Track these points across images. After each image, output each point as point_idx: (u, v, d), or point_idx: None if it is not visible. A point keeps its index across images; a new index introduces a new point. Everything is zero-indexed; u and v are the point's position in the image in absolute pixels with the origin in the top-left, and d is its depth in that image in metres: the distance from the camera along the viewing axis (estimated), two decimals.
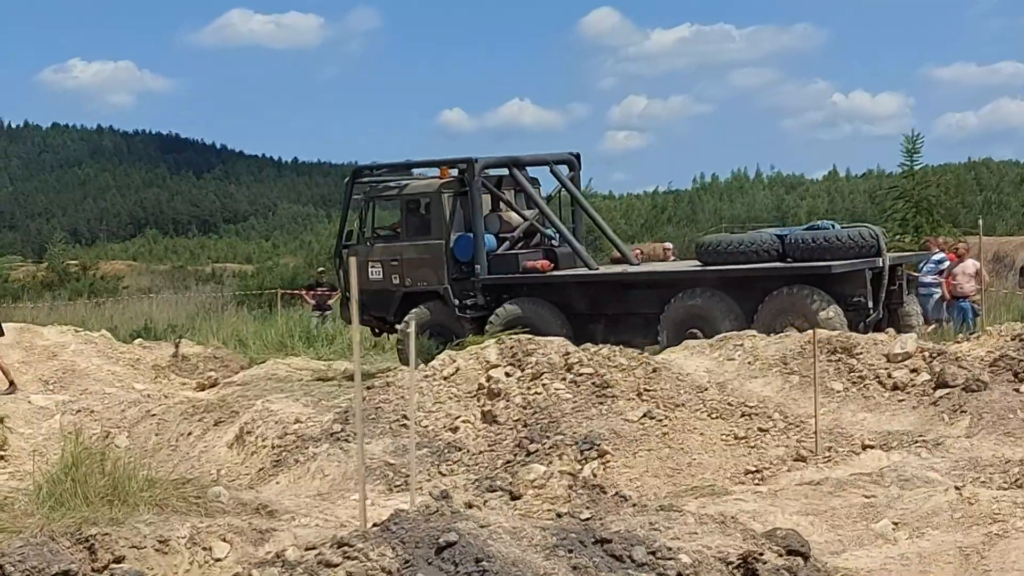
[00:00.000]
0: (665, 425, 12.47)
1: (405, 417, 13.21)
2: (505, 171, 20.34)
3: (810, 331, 13.37)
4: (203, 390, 19.20)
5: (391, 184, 20.53)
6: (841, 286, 17.04)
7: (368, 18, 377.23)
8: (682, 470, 11.83)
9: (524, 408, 13.15)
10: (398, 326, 19.61)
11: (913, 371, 13.57)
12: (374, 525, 6.47)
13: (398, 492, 11.63)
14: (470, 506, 7.50)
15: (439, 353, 14.72)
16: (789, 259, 17.56)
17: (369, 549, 6.10)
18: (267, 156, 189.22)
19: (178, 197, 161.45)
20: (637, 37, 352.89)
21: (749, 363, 14.35)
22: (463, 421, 13.27)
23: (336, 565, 6.04)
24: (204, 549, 7.85)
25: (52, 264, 61.01)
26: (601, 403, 12.84)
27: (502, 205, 20.23)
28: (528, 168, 21.00)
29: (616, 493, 8.79)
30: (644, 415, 12.56)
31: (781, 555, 7.12)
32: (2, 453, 14.72)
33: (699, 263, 18.44)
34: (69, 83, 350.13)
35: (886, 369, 13.67)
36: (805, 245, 17.35)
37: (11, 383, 16.93)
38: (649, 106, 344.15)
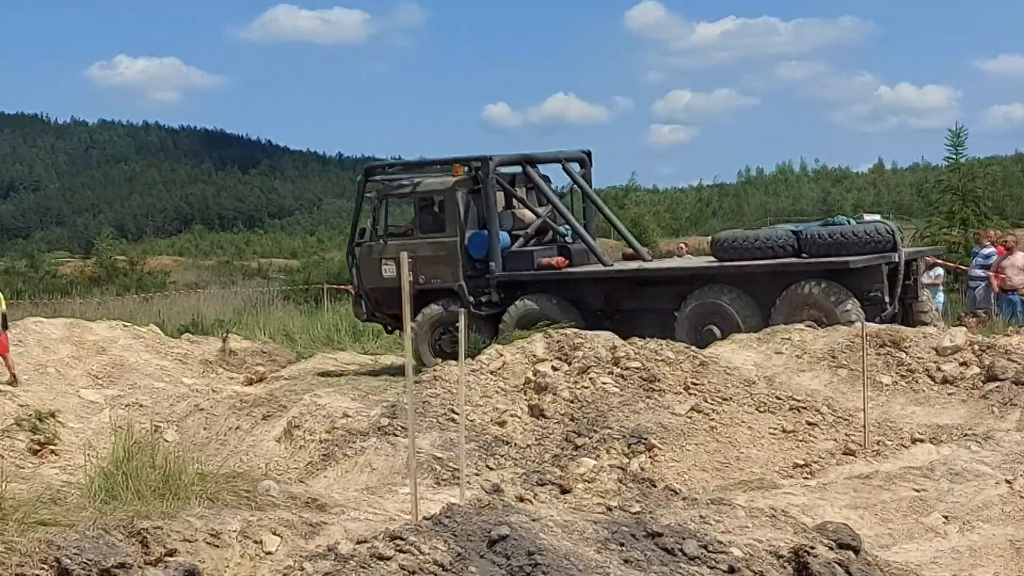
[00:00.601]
0: (713, 419, 12.45)
1: (452, 411, 13.23)
2: (519, 168, 20.34)
3: (858, 325, 13.31)
4: (251, 384, 19.28)
5: (404, 182, 20.56)
6: (858, 281, 17.03)
7: (413, 13, 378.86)
8: (730, 464, 11.81)
9: (571, 402, 13.15)
10: (411, 324, 19.49)
11: (963, 364, 13.49)
12: (426, 518, 6.49)
13: (446, 486, 11.66)
14: (521, 500, 7.52)
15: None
16: (804, 255, 17.56)
17: (421, 542, 6.13)
18: (312, 151, 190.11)
19: (224, 192, 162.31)
20: (682, 30, 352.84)
21: (797, 357, 14.30)
22: (510, 415, 13.29)
23: (389, 558, 6.07)
24: (255, 542, 7.88)
25: (100, 259, 61.44)
26: (648, 397, 12.84)
27: (515, 202, 20.24)
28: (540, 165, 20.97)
29: (666, 487, 8.79)
30: (692, 409, 12.55)
31: (832, 548, 7.10)
32: (53, 447, 14.83)
33: (714, 259, 18.40)
34: (115, 79, 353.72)
35: (935, 362, 13.60)
36: (821, 241, 17.35)
37: (13, 376, 16.99)
38: (694, 100, 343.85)
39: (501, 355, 14.43)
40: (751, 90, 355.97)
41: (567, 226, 20.27)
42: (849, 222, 17.97)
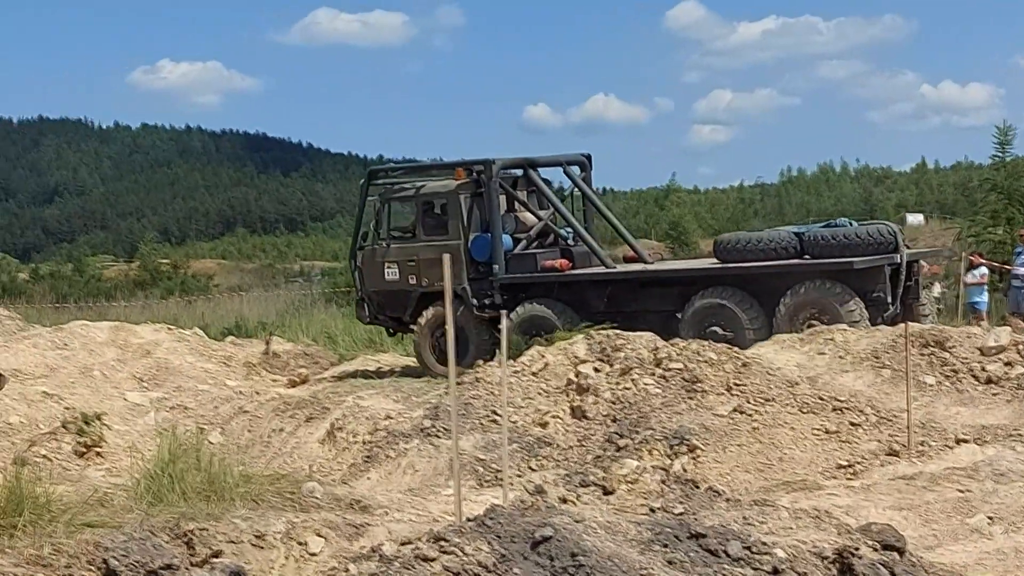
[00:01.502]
0: (755, 420, 12.42)
1: (494, 413, 13.26)
2: (520, 172, 20.41)
3: (902, 324, 13.25)
4: (294, 387, 19.37)
5: (407, 185, 20.65)
6: (861, 282, 17.15)
7: (452, 15, 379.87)
8: (773, 465, 11.78)
9: (613, 403, 13.15)
10: (413, 326, 19.82)
11: (1007, 364, 13.39)
12: (469, 520, 6.51)
13: (488, 487, 11.69)
14: (564, 501, 7.53)
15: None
16: (807, 256, 17.66)
17: (465, 544, 6.15)
18: (353, 154, 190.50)
19: (265, 196, 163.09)
20: (723, 30, 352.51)
21: (840, 357, 14.23)
22: (552, 416, 13.30)
23: (433, 559, 6.09)
24: (299, 544, 7.93)
25: (144, 263, 61.90)
26: (690, 398, 12.83)
27: (517, 205, 20.30)
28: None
29: (709, 488, 8.77)
30: (734, 410, 12.53)
31: (876, 550, 7.07)
32: (99, 450, 14.94)
33: (717, 261, 18.47)
34: (158, 84, 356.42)
35: (979, 362, 13.49)
36: (824, 242, 17.47)
37: (1, 375, 17.03)
38: (735, 99, 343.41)
39: (543, 356, 14.44)
40: (792, 89, 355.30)
41: (568, 229, 20.38)
42: (851, 224, 18.08)
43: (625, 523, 6.67)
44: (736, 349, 14.10)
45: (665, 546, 6.50)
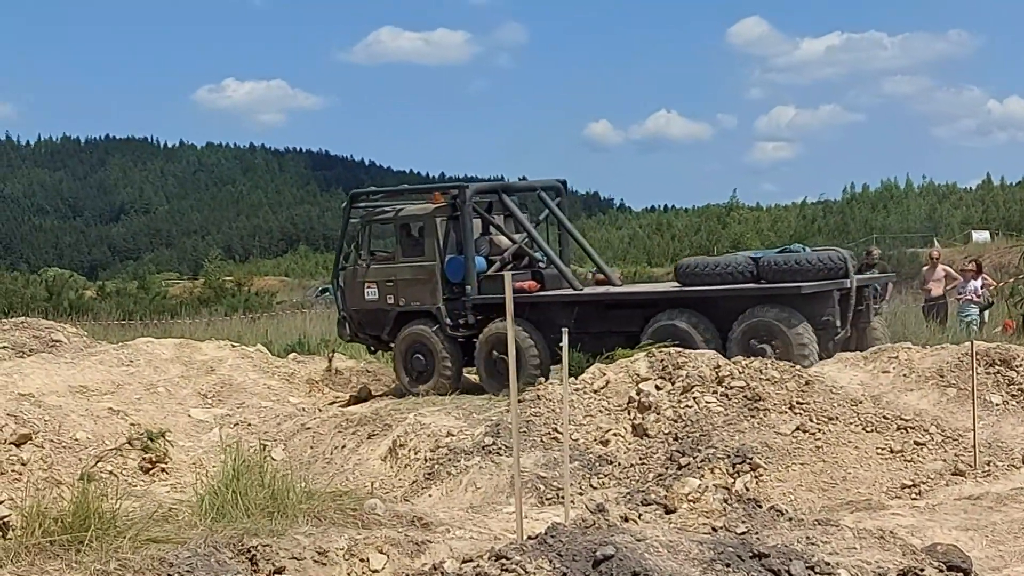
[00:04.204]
0: (818, 438, 12.33)
1: (555, 430, 13.26)
2: (495, 196, 20.91)
3: (967, 343, 13.13)
4: (356, 404, 19.46)
5: (387, 208, 21.14)
6: (811, 306, 17.48)
7: (515, 32, 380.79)
8: (836, 484, 11.69)
9: (675, 421, 13.11)
10: (392, 344, 20.50)
11: None
12: (531, 538, 6.51)
13: (550, 505, 11.68)
14: (626, 519, 7.51)
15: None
16: (763, 280, 17.97)
17: (526, 562, 6.15)
18: (414, 171, 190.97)
19: (328, 213, 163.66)
20: (786, 46, 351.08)
21: (904, 376, 14.12)
22: (613, 434, 13.27)
23: None
24: (361, 560, 7.95)
25: (208, 280, 62.34)
26: (753, 416, 12.76)
27: (492, 229, 20.78)
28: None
29: (771, 507, 8.72)
30: (797, 428, 12.45)
31: (942, 571, 7.01)
32: (164, 466, 15.09)
33: (678, 284, 18.85)
34: (223, 103, 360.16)
35: None
36: (777, 267, 17.83)
37: None
38: (798, 116, 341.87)
39: (604, 374, 14.43)
40: (856, 105, 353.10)
41: (542, 252, 20.81)
42: (804, 250, 18.59)
43: (687, 542, 6.64)
44: (799, 368, 14.03)
45: (727, 566, 6.47)
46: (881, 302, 23.23)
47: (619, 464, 12.71)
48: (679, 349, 15.00)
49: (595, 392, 14.13)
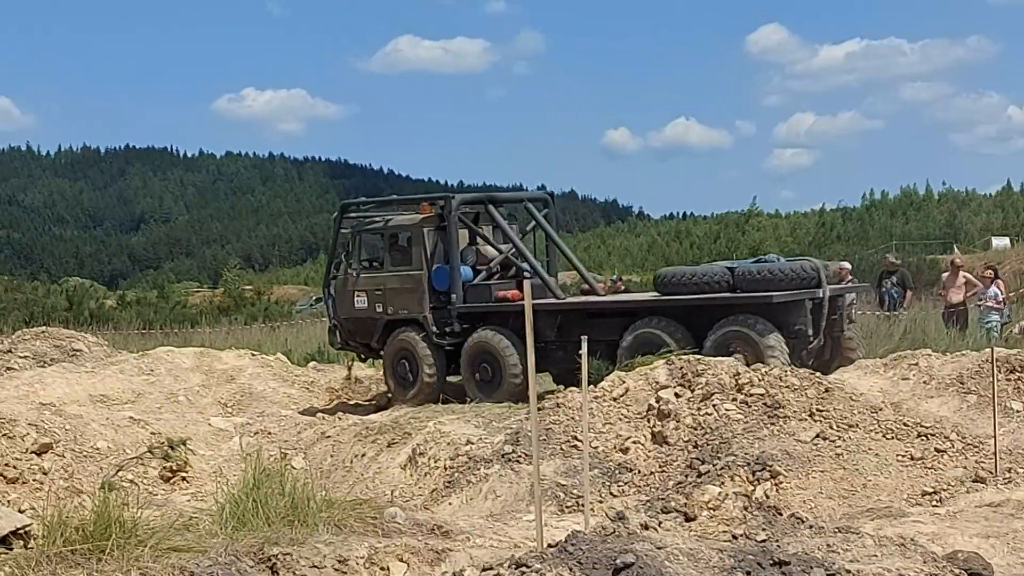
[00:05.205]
0: (839, 446, 12.30)
1: (575, 438, 13.25)
2: (482, 207, 21.17)
3: (987, 349, 13.09)
4: (376, 412, 19.50)
5: (376, 218, 21.43)
6: (783, 315, 17.60)
7: (533, 41, 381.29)
8: (857, 491, 11.65)
9: (694, 429, 13.09)
10: (382, 352, 20.77)
11: None
12: (551, 546, 6.51)
13: (570, 513, 11.67)
14: (646, 527, 7.50)
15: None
16: (739, 290, 18.06)
17: (547, 570, 6.15)
18: (433, 180, 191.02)
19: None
20: (805, 53, 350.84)
21: (924, 383, 14.08)
22: (633, 442, 13.26)
23: None
24: (382, 569, 7.95)
25: (228, 289, 62.53)
26: (772, 424, 12.73)
27: (479, 239, 21.03)
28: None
29: (792, 515, 8.69)
30: (817, 435, 12.41)
31: None
32: (185, 474, 15.13)
33: (658, 294, 19.04)
34: (242, 112, 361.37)
35: None
36: (751, 277, 17.92)
37: None
38: (817, 123, 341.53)
39: (623, 382, 14.42)
40: (875, 112, 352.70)
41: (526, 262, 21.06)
42: (779, 260, 18.63)
43: (707, 550, 6.63)
44: (819, 375, 14.01)
45: (748, 573, 6.46)
46: (900, 309, 23.28)
47: (639, 472, 12.70)
48: (699, 357, 15.01)
49: (614, 400, 14.12)
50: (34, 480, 13.62)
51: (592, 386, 14.34)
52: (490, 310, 20.04)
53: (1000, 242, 64.29)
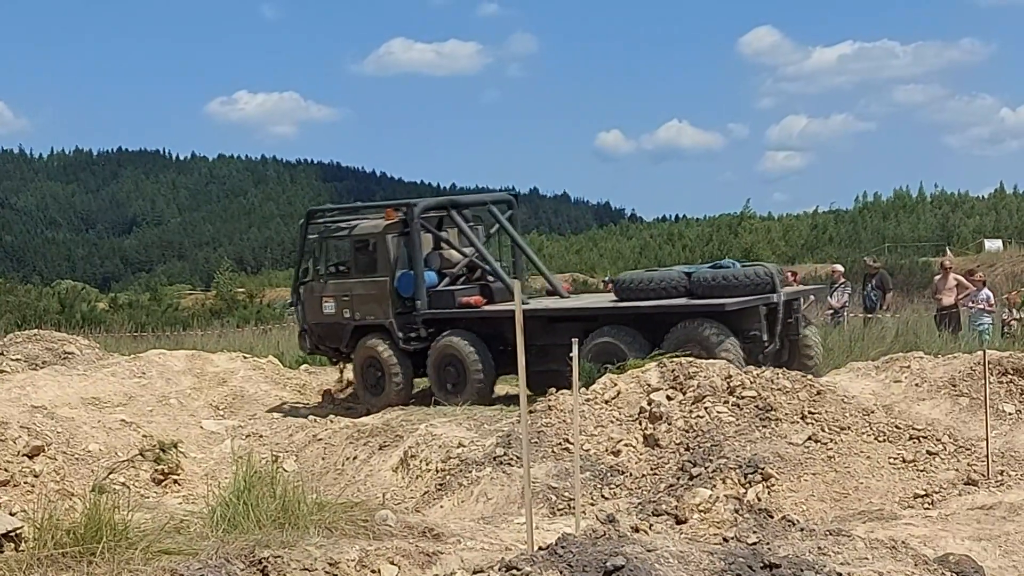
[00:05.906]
0: (830, 448, 12.30)
1: (567, 441, 13.25)
2: (445, 212, 21.29)
3: (979, 352, 13.11)
4: (368, 414, 19.48)
5: (343, 224, 21.51)
6: (738, 321, 17.71)
7: (526, 43, 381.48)
8: (849, 494, 11.66)
9: (686, 431, 13.09)
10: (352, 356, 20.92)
11: None
12: (541, 549, 6.50)
13: (561, 515, 11.67)
14: (636, 530, 7.50)
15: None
16: (695, 295, 18.15)
17: (537, 573, 6.14)
18: (426, 183, 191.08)
19: None
20: (797, 55, 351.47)
21: (916, 385, 14.09)
22: (625, 444, 13.26)
23: None
24: (372, 572, 7.94)
25: (220, 292, 62.49)
26: (764, 426, 12.73)
27: (443, 244, 21.12)
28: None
29: (783, 517, 8.70)
30: (809, 438, 12.42)
31: None
32: (176, 477, 15.11)
33: (616, 299, 19.10)
34: (234, 115, 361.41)
35: None
36: (707, 283, 18.01)
37: None
38: (809, 125, 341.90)
39: (615, 384, 14.42)
40: (868, 114, 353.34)
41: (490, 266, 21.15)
42: (734, 265, 18.64)
43: (698, 553, 6.63)
44: (810, 377, 14.02)
45: None
46: (881, 311, 23.31)
47: (630, 474, 12.70)
48: (691, 359, 15.02)
49: (606, 402, 14.12)
50: (25, 483, 13.59)
51: (584, 389, 14.35)
52: (455, 315, 20.14)
53: (993, 244, 64.43)
